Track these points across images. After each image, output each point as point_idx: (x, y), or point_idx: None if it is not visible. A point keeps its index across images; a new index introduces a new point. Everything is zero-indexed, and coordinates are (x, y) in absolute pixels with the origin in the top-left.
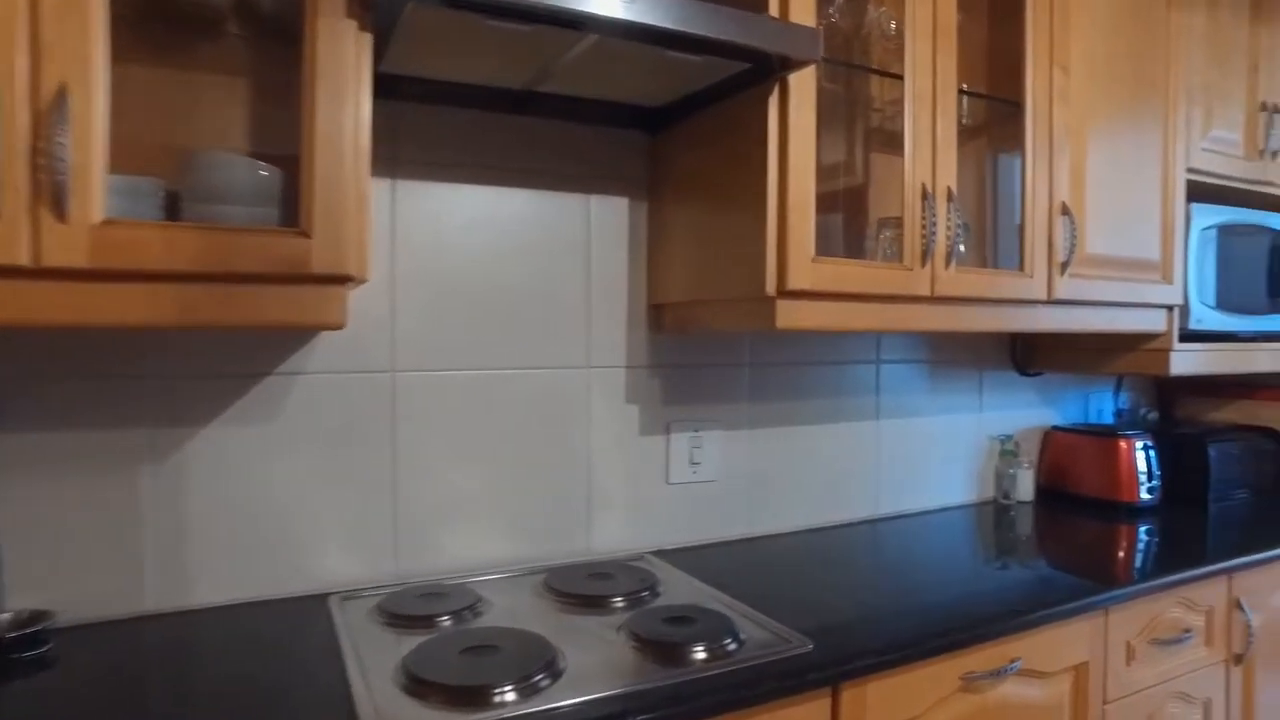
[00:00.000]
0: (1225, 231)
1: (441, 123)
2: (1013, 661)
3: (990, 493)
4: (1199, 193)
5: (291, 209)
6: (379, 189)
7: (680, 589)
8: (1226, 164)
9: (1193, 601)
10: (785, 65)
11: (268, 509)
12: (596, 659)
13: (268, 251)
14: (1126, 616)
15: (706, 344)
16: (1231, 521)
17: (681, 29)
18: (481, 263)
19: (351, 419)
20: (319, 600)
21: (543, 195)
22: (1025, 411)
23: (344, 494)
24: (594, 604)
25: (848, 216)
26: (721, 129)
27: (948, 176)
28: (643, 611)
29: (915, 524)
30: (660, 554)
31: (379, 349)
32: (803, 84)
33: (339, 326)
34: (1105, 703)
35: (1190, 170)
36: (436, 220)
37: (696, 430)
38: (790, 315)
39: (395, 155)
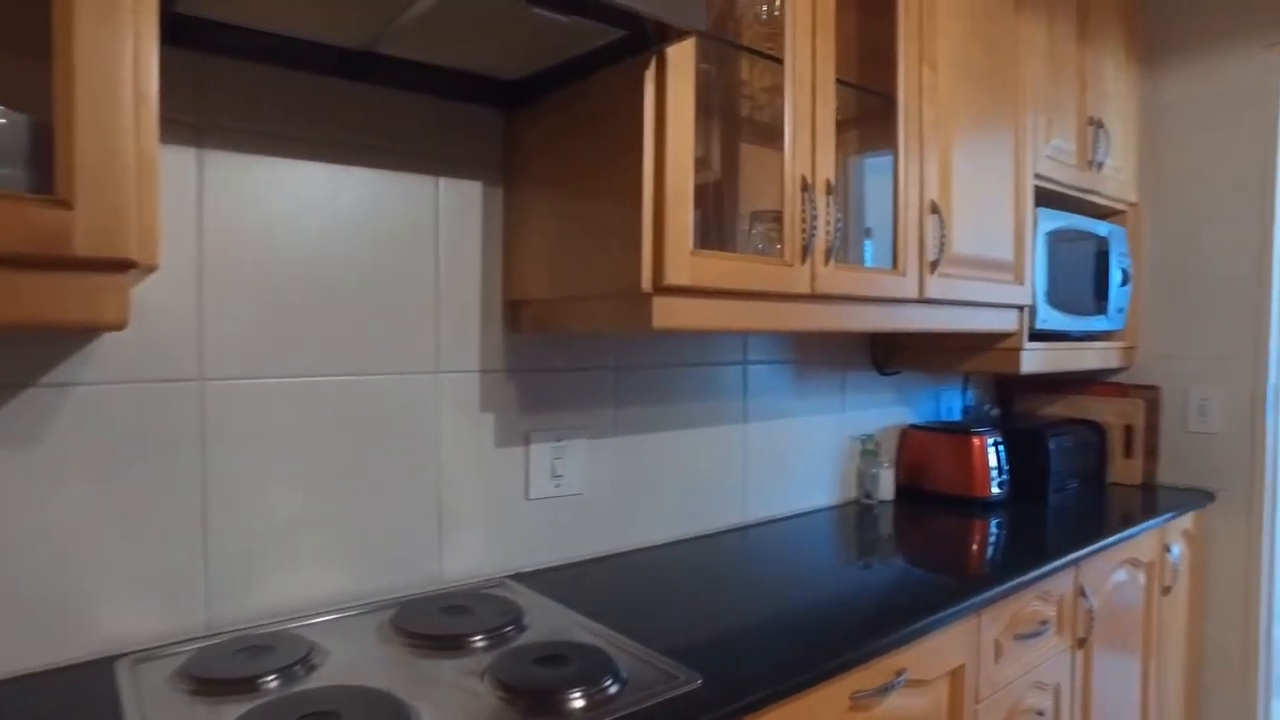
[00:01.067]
0: (1061, 236)
1: (262, 85)
2: (900, 674)
3: (853, 493)
4: (1040, 198)
5: (48, 172)
6: (182, 159)
7: (548, 619)
8: (1064, 172)
9: (1048, 593)
10: (664, 36)
11: (29, 554)
12: (458, 716)
13: (8, 224)
14: (996, 615)
15: (568, 346)
16: (1069, 511)
17: None
18: (312, 252)
19: (147, 438)
20: (103, 666)
21: (384, 175)
22: (883, 410)
23: (137, 530)
24: (451, 645)
25: (715, 210)
26: (589, 107)
27: (827, 168)
28: (508, 651)
29: (784, 529)
30: (521, 578)
31: (184, 353)
32: (682, 59)
33: (118, 326)
34: (977, 702)
35: (1037, 176)
36: (256, 201)
37: (559, 440)
38: (668, 314)
39: (203, 121)
